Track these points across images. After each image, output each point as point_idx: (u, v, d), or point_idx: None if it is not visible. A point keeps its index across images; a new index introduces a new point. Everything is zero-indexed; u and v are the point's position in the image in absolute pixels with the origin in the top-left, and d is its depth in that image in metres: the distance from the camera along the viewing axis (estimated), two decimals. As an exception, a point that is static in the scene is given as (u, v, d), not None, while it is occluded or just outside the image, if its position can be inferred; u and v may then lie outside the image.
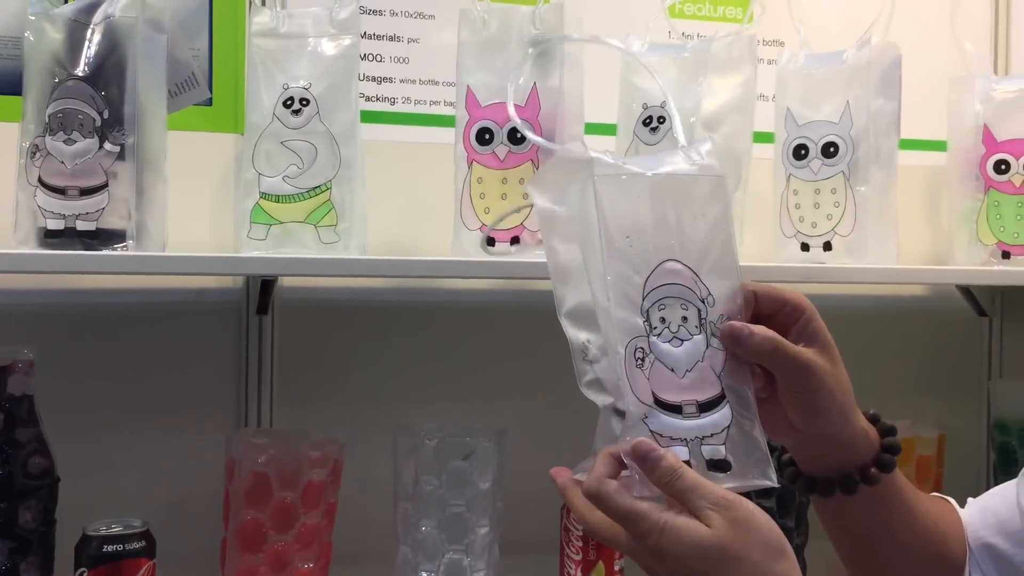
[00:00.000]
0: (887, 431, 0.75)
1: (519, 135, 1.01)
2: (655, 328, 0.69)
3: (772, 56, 1.34)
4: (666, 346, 0.69)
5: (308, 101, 1.02)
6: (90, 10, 0.97)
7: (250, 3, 1.22)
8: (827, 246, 1.12)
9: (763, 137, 1.18)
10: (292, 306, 1.23)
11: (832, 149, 1.11)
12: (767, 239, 1.18)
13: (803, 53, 1.16)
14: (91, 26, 0.96)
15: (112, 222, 0.96)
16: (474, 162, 1.03)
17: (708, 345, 0.70)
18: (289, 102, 1.02)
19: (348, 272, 0.96)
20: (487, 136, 1.02)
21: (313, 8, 1.04)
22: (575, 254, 0.71)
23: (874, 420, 0.76)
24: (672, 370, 0.68)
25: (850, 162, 1.11)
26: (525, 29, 1.03)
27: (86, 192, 0.95)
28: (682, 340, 0.69)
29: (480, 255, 1.01)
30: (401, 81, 1.31)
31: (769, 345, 0.69)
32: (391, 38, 1.31)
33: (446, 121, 1.28)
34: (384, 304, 1.27)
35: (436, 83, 1.32)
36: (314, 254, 1.00)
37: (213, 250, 1.23)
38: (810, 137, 1.13)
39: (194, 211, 1.21)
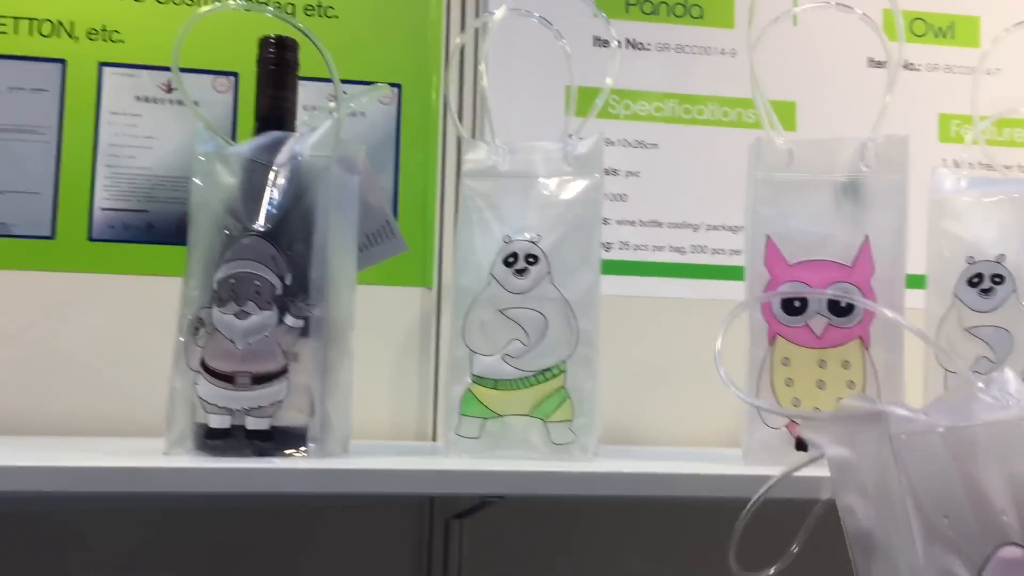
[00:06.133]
0: None
1: (844, 303, 0.76)
2: None
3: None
4: None
5: (536, 258, 0.79)
6: (273, 149, 0.77)
7: (444, 133, 1.03)
8: None
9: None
10: (499, 509, 0.98)
11: None
12: None
13: None
14: (274, 169, 0.76)
15: (290, 418, 0.74)
16: (778, 336, 0.77)
17: None
18: (512, 259, 0.79)
19: (598, 491, 0.72)
20: (798, 303, 0.77)
21: (543, 142, 0.82)
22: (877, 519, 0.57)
23: None
24: None
25: None
26: (850, 166, 0.78)
27: (260, 380, 0.73)
28: None
29: (787, 464, 0.75)
30: (618, 223, 1.08)
31: None
32: (607, 171, 1.09)
33: (673, 271, 1.05)
34: (615, 506, 1.02)
35: (659, 224, 1.08)
36: (543, 463, 0.75)
37: (393, 434, 1.01)
38: None
39: (371, 383, 0.99)
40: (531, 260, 0.79)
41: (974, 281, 0.83)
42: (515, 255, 0.79)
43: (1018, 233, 0.82)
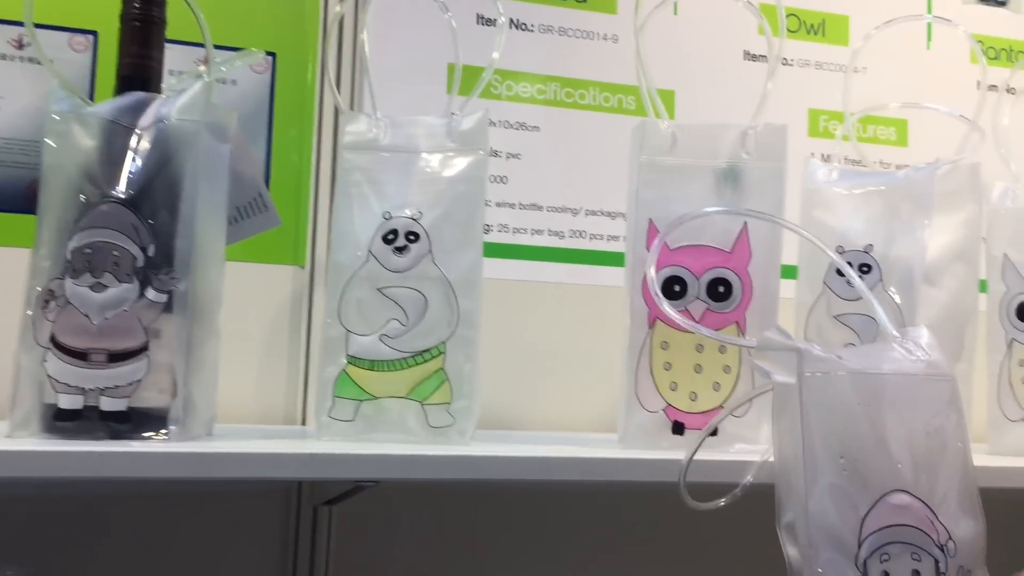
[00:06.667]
0: None
1: (721, 288, 0.76)
2: None
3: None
4: None
5: (417, 236, 0.77)
6: (136, 110, 0.72)
7: (321, 105, 1.00)
8: (1072, 436, 0.87)
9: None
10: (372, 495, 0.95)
11: (1074, 310, 0.87)
12: (979, 419, 0.92)
13: (1022, 187, 0.93)
14: (137, 132, 0.71)
15: (150, 399, 0.69)
16: (658, 321, 0.77)
17: None
18: (392, 236, 0.77)
19: (476, 475, 0.70)
20: (678, 288, 0.77)
21: (427, 117, 0.80)
22: (791, 451, 0.58)
23: None
24: None
25: (1101, 328, 0.87)
26: (731, 153, 0.79)
27: (117, 358, 0.68)
28: None
29: (663, 448, 0.75)
30: (498, 205, 1.06)
31: None
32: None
33: (559, 255, 1.05)
34: (494, 492, 1.00)
35: (539, 208, 1.08)
36: (418, 447, 0.73)
37: (260, 417, 0.97)
38: (1041, 293, 0.89)
39: (238, 364, 0.94)
40: (412, 237, 0.77)
41: (842, 270, 0.85)
42: (395, 232, 0.77)
43: (885, 224, 0.85)
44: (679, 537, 1.05)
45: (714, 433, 0.75)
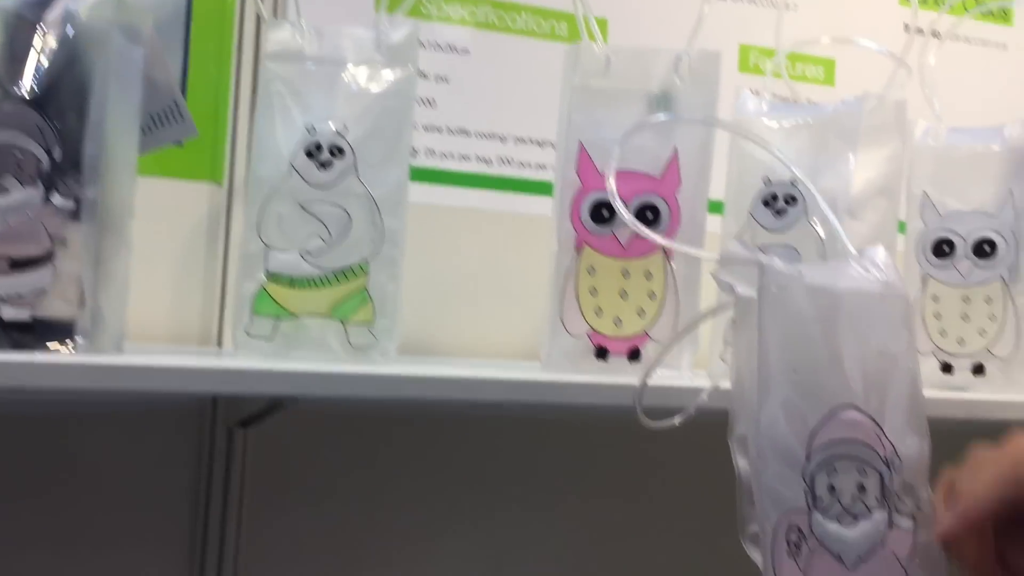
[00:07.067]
0: None
1: (650, 214, 0.76)
2: (820, 500, 0.55)
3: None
4: (834, 526, 0.55)
5: (342, 151, 0.74)
6: (41, 4, 0.67)
7: (241, 11, 0.96)
8: (978, 369, 0.90)
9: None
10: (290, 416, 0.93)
11: (987, 248, 0.89)
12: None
13: (944, 127, 0.94)
14: (43, 28, 0.66)
15: (56, 309, 0.66)
16: (585, 245, 0.76)
17: (892, 524, 0.56)
18: (315, 150, 0.74)
19: (398, 393, 0.69)
20: (606, 213, 0.76)
21: (355, 28, 0.77)
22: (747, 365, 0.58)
23: None
24: (840, 558, 0.55)
25: (1011, 265, 0.89)
26: (664, 78, 0.78)
27: (20, 265, 0.65)
28: (856, 517, 0.56)
29: (585, 371, 0.75)
30: (425, 129, 1.04)
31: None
32: (414, 74, 1.04)
33: (485, 182, 1.04)
34: (418, 417, 0.99)
35: (467, 133, 1.05)
36: (339, 364, 0.72)
37: (174, 337, 0.94)
38: (956, 231, 0.91)
39: (151, 281, 0.91)
40: (336, 152, 0.74)
41: (768, 201, 0.85)
42: (319, 146, 0.74)
43: (812, 156, 0.85)
44: (607, 465, 1.06)
45: (636, 357, 0.76)
